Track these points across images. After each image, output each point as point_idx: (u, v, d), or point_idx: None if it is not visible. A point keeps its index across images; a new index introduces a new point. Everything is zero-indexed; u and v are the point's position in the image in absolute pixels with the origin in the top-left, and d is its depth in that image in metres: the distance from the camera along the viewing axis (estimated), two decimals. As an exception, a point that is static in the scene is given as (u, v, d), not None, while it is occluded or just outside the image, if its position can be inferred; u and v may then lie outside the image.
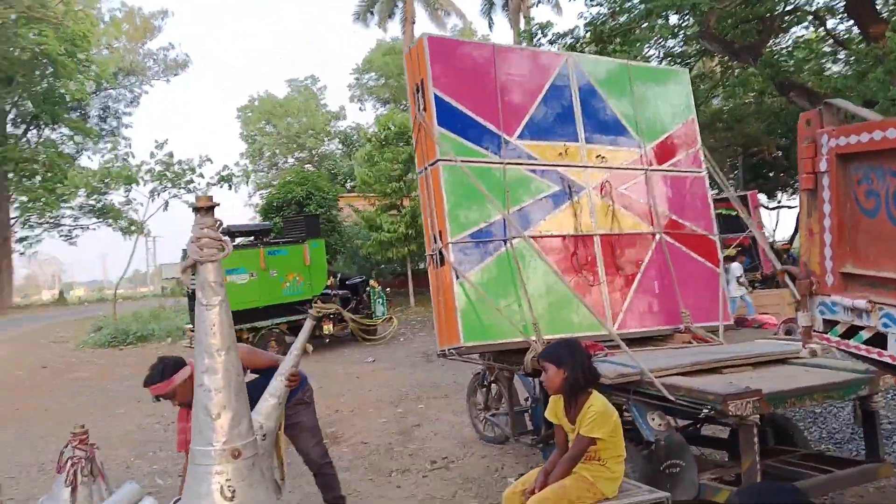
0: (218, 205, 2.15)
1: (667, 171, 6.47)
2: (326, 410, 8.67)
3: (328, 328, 13.41)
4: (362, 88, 39.61)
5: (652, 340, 6.02)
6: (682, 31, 17.15)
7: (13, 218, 30.25)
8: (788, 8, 16.09)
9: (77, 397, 10.35)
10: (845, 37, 16.69)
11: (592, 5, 15.16)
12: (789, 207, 24.56)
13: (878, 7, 13.48)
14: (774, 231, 24.59)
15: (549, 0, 28.51)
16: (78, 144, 32.66)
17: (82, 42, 28.17)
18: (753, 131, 20.75)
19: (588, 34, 15.03)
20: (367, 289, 14.46)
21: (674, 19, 15.76)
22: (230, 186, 16.96)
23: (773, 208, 25.28)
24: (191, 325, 12.73)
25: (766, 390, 3.82)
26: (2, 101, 29.39)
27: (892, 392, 6.08)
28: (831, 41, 17.01)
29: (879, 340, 2.58)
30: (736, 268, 13.09)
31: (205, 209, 2.16)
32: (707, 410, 3.87)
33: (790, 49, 17.74)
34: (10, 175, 28.37)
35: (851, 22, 14.63)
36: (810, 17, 16.67)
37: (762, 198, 24.01)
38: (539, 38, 15.23)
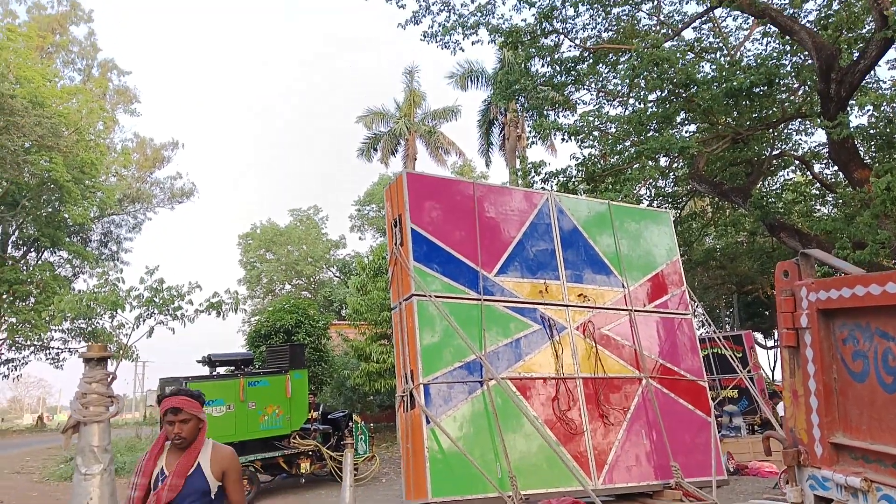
0: (111, 356, 1.90)
1: (652, 311, 6.25)
2: (292, 564, 7.95)
3: (305, 467, 12.66)
4: (363, 219, 40.40)
5: (641, 496, 5.54)
6: (673, 173, 17.61)
7: (1, 339, 29.78)
8: (775, 153, 16.60)
9: (27, 539, 9.56)
10: (832, 180, 17.08)
11: (584, 147, 15.63)
12: (787, 347, 24.19)
13: (860, 152, 13.85)
14: (773, 371, 24.04)
15: (544, 141, 29.59)
16: (75, 268, 32.78)
17: (91, 169, 28.97)
18: (747, 270, 20.81)
19: (580, 174, 15.35)
20: (350, 424, 13.81)
21: (664, 161, 16.19)
22: (219, 314, 16.66)
23: (770, 348, 24.88)
24: (159, 461, 12.02)
25: (761, 567, 3.39)
26: (6, 223, 29.80)
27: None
28: (818, 184, 17.40)
29: (881, 525, 2.24)
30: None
31: (96, 360, 1.87)
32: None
33: (779, 191, 18.15)
34: (3, 296, 28.21)
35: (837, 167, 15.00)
36: (797, 162, 17.16)
37: (759, 336, 23.71)
38: (533, 177, 15.56)
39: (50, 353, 31.67)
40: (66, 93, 29.91)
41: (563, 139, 14.74)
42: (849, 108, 12.68)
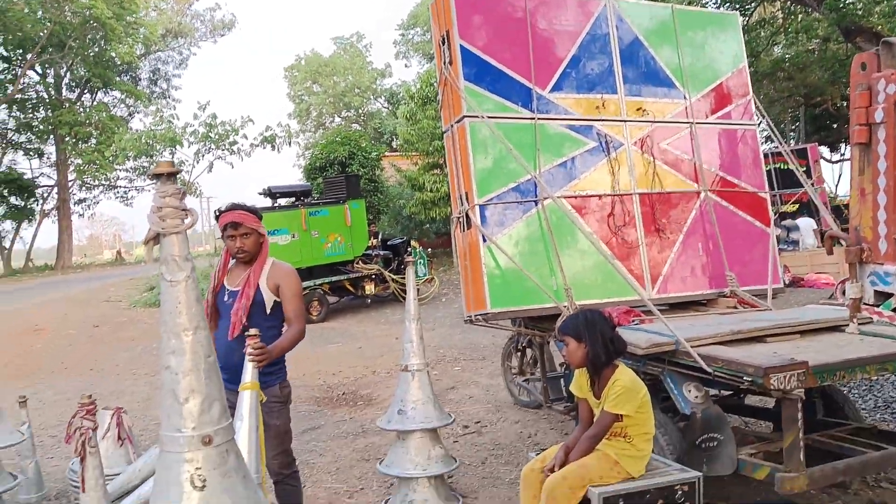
0: (180, 171, 1.96)
1: (714, 123, 6.03)
2: (364, 372, 8.68)
3: (370, 288, 13.40)
4: (408, 44, 39.06)
5: (694, 305, 5.69)
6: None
7: (70, 180, 31.17)
8: (858, -55, 14.97)
9: (125, 356, 10.61)
10: (921, -26, 15.44)
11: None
12: (854, 160, 23.46)
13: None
14: (837, 186, 23.41)
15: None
16: (130, 107, 33.27)
17: (130, 4, 28.44)
18: (816, 80, 19.60)
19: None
20: (409, 249, 14.35)
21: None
22: (273, 147, 16.96)
23: (836, 161, 24.04)
24: (233, 287, 12.88)
25: (812, 362, 3.49)
26: (57, 65, 30.04)
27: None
28: (905, -20, 15.77)
29: (940, 316, 2.27)
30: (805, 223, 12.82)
31: (166, 175, 1.95)
32: (747, 383, 3.58)
33: (859, -10, 16.55)
34: (67, 138, 29.12)
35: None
36: (882, -46, 15.46)
37: (824, 151, 22.86)
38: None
39: (118, 192, 33.18)
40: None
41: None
42: None
